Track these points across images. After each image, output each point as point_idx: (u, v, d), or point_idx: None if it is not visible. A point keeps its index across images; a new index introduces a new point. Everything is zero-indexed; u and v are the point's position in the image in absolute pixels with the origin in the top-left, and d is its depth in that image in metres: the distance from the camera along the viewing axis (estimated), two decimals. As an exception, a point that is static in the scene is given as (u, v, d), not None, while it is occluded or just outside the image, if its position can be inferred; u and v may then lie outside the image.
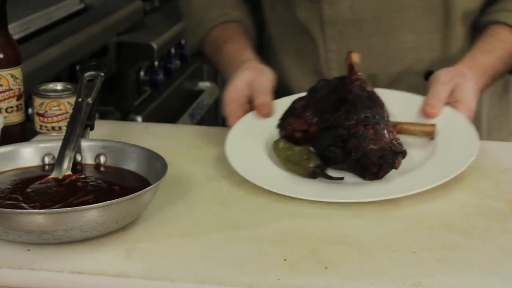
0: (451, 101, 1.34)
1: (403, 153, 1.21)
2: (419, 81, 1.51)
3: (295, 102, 1.31)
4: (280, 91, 1.61)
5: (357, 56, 1.36)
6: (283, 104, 1.34)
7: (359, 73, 1.32)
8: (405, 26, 1.49)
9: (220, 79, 3.03)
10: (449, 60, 1.50)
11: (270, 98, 1.35)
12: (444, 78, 1.36)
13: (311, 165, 1.20)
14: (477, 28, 1.52)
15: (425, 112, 1.33)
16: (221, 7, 1.55)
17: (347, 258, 1.03)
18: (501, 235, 1.10)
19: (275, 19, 1.60)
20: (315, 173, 1.20)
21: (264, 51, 1.68)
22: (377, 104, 1.25)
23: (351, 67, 1.34)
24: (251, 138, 1.30)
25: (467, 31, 1.51)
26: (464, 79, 1.36)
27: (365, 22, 1.48)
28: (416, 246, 1.06)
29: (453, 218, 1.14)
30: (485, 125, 1.59)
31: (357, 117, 1.21)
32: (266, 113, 1.34)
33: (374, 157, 1.19)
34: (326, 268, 1.00)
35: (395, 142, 1.20)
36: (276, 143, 1.27)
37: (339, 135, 1.21)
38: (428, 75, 1.52)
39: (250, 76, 1.36)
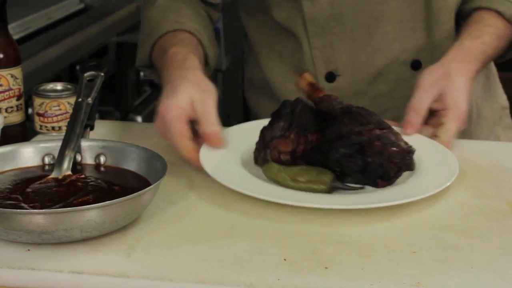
0: (441, 108, 1.33)
1: (413, 154, 1.21)
2: (406, 71, 1.51)
3: (272, 124, 1.25)
4: (265, 95, 1.61)
5: (309, 75, 1.36)
6: (234, 132, 1.31)
7: (322, 91, 1.31)
8: (387, 17, 1.48)
9: (220, 79, 3.04)
10: (434, 47, 1.50)
11: (218, 126, 1.27)
12: (427, 83, 1.34)
13: (328, 179, 1.18)
14: (461, 17, 1.50)
15: (404, 132, 1.31)
16: (176, 16, 1.48)
17: (347, 258, 1.03)
18: (501, 235, 1.10)
19: (254, 25, 1.59)
20: (335, 187, 1.18)
21: (247, 59, 1.68)
22: (371, 112, 1.24)
23: (312, 86, 1.33)
24: (225, 163, 1.24)
25: (450, 17, 1.50)
26: (451, 79, 1.34)
27: (346, 16, 1.48)
28: (416, 246, 1.06)
29: (453, 218, 1.14)
30: (474, 113, 1.59)
31: (372, 122, 1.20)
32: (217, 143, 1.26)
33: (396, 159, 1.18)
34: (326, 268, 1.00)
35: (406, 144, 1.20)
36: (268, 167, 1.21)
37: (357, 142, 1.18)
38: (414, 64, 1.51)
39: (194, 94, 1.27)
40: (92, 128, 1.27)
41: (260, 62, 1.60)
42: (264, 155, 1.23)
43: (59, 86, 1.44)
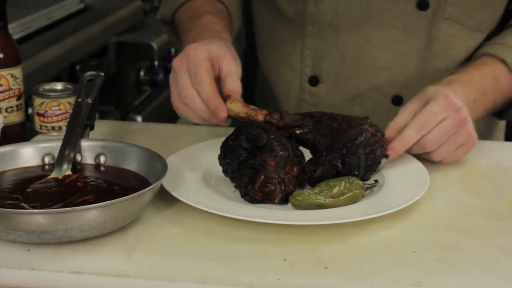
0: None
1: None
2: (386, 103, 1.47)
3: (273, 152, 1.16)
4: (257, 83, 1.61)
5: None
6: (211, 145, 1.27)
7: (262, 110, 1.22)
8: (382, 44, 1.44)
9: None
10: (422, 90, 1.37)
11: (239, 85, 1.21)
12: (408, 106, 1.27)
13: (358, 183, 1.15)
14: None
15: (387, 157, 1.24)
16: None
17: (347, 258, 1.03)
18: (501, 235, 1.10)
19: (260, 10, 1.58)
20: (371, 187, 1.18)
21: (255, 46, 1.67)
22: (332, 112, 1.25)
23: (248, 106, 1.21)
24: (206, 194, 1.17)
25: (448, 65, 1.45)
26: (450, 86, 1.28)
27: (343, 28, 1.45)
28: (416, 246, 1.06)
29: (453, 218, 1.14)
30: None
31: (353, 117, 1.21)
32: (222, 115, 1.18)
33: (384, 145, 1.21)
34: (326, 268, 1.00)
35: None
36: (295, 196, 1.13)
37: (368, 139, 1.18)
38: (395, 99, 1.46)
39: (226, 54, 1.22)
40: (92, 128, 1.27)
41: (258, 46, 1.60)
42: (284, 188, 1.15)
43: (59, 86, 1.44)
